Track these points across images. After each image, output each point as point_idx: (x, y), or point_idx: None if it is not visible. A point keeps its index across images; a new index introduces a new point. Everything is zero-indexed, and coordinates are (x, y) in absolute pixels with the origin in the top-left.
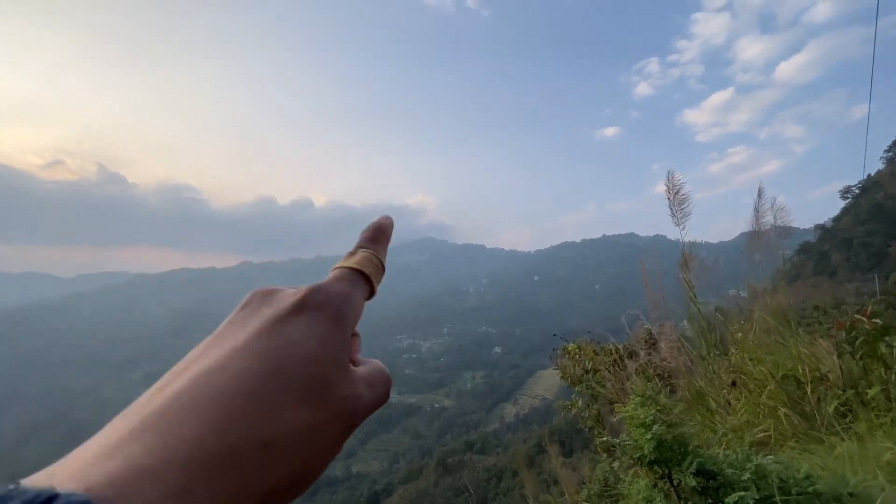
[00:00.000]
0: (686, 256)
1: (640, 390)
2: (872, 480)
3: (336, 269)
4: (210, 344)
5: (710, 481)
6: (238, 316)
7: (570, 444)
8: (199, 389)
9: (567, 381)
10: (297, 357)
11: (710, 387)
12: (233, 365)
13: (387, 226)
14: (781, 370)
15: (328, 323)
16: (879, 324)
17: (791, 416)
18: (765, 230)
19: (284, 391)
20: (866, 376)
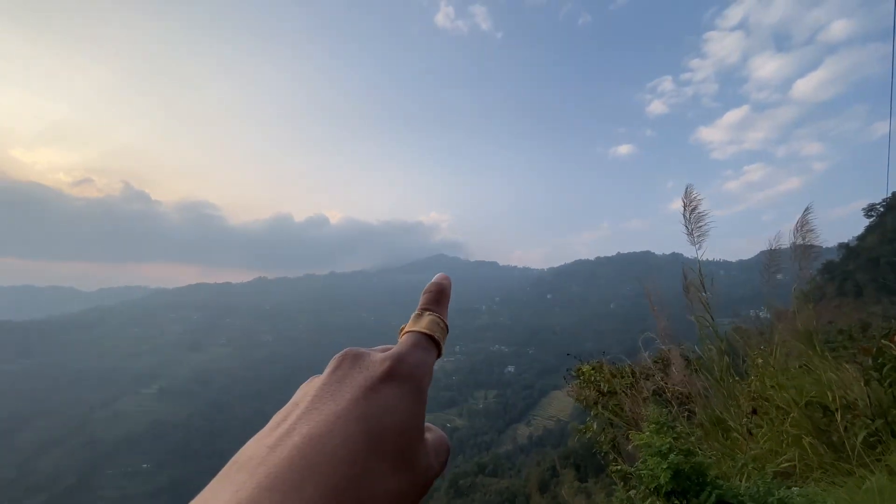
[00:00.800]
0: (701, 276)
1: (655, 417)
2: None
3: (408, 334)
4: (311, 405)
5: None
6: (333, 378)
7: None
8: (312, 454)
9: (581, 403)
10: (391, 427)
11: (728, 413)
12: (338, 431)
13: (447, 286)
14: (806, 397)
15: (413, 394)
16: None
17: (817, 446)
18: (783, 249)
19: (382, 459)
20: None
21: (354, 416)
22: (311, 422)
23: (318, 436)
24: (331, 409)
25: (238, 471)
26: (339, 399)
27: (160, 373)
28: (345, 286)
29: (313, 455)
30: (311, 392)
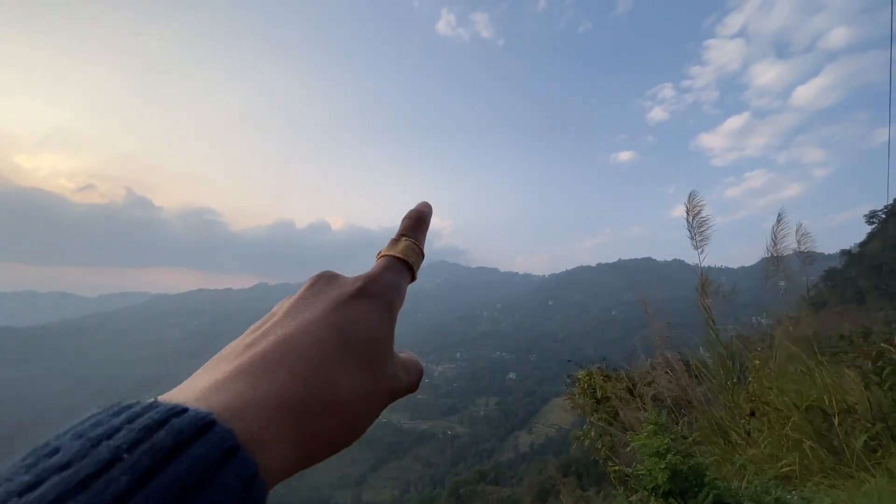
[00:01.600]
0: (704, 281)
1: (653, 418)
2: None
3: (382, 257)
4: (287, 314)
5: None
6: (308, 293)
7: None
8: (285, 348)
9: (578, 410)
10: (360, 334)
11: (729, 417)
12: (310, 332)
13: (426, 213)
14: (806, 401)
15: (382, 309)
16: None
17: (817, 450)
18: (785, 255)
19: (349, 360)
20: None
21: (326, 324)
22: (286, 326)
23: (291, 335)
24: (304, 317)
25: (219, 362)
26: (313, 310)
27: (161, 379)
28: None
29: (286, 349)
30: (286, 305)
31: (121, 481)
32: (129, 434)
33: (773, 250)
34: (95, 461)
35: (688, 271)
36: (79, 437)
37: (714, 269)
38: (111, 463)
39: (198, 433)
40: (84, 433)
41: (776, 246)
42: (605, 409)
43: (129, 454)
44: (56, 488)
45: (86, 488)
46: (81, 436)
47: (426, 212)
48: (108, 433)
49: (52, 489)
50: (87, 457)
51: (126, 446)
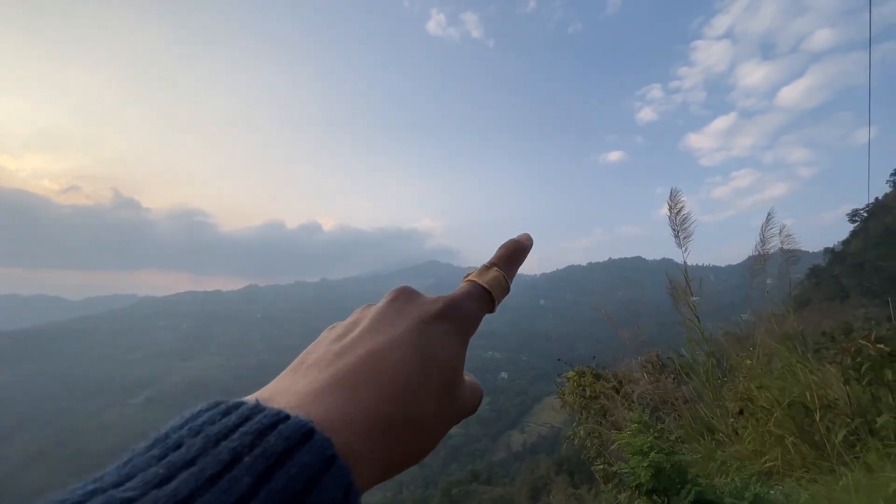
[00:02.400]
0: (687, 280)
1: (637, 417)
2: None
3: (469, 282)
4: (372, 327)
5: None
6: (390, 307)
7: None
8: (374, 364)
9: (568, 408)
10: (439, 358)
11: (713, 415)
12: (396, 350)
13: (526, 247)
14: (788, 397)
15: (458, 336)
16: (886, 349)
17: (799, 445)
18: (770, 254)
19: (430, 383)
20: (875, 404)
21: (409, 342)
22: (372, 340)
23: (378, 351)
24: (389, 333)
25: (309, 368)
26: (397, 326)
27: (149, 382)
28: (337, 293)
29: (374, 365)
30: (369, 316)
31: (243, 482)
32: (244, 437)
33: (761, 249)
34: (217, 460)
35: (677, 270)
36: (197, 432)
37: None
38: (232, 463)
39: (302, 440)
40: (202, 429)
41: (764, 245)
42: (594, 407)
43: (248, 457)
44: (187, 485)
45: (212, 486)
46: (199, 432)
47: (526, 245)
48: (224, 433)
49: (184, 486)
50: (209, 455)
51: (244, 448)
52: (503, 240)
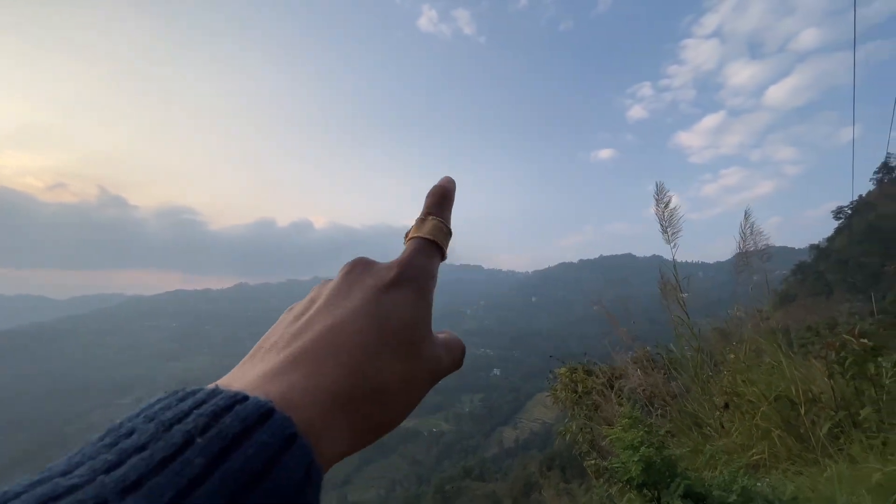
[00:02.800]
0: (676, 276)
1: (627, 412)
2: (860, 502)
3: (411, 240)
4: (328, 303)
5: (697, 503)
6: (345, 281)
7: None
8: (331, 339)
9: (560, 404)
10: (398, 322)
11: (701, 409)
12: (352, 323)
13: (450, 189)
14: (774, 391)
15: (417, 294)
16: (869, 344)
17: (785, 438)
18: (754, 251)
19: (389, 349)
20: (858, 397)
21: (365, 312)
22: (328, 316)
23: (335, 326)
24: (345, 306)
25: (267, 352)
26: (353, 299)
27: (137, 383)
28: None
29: (332, 340)
30: (325, 292)
31: (195, 464)
32: (198, 419)
33: (742, 246)
34: (169, 444)
35: (667, 266)
36: (150, 419)
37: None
38: (184, 446)
39: (260, 420)
40: (156, 416)
41: (744, 242)
42: (586, 403)
43: (200, 438)
44: (136, 469)
45: (163, 469)
46: (153, 419)
47: (450, 188)
48: (178, 417)
49: (133, 470)
50: (161, 440)
51: (197, 431)
52: (495, 237)
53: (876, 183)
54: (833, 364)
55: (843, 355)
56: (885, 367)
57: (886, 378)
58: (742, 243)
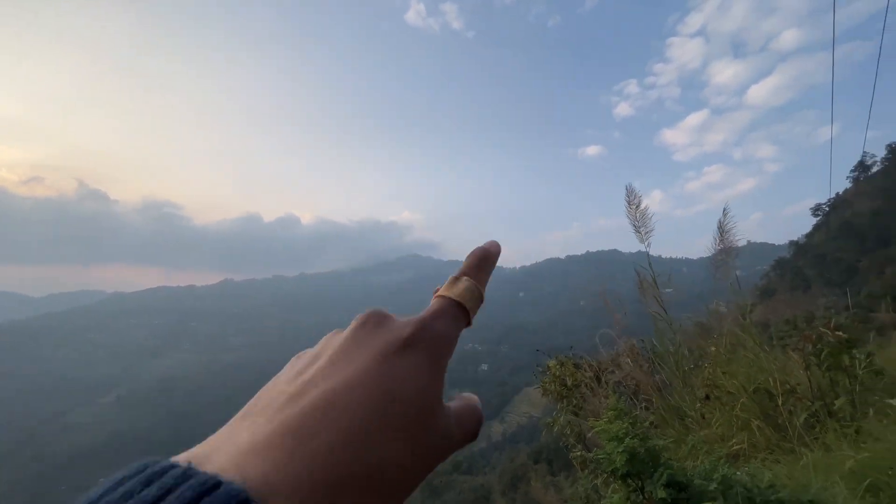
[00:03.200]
0: (653, 273)
1: (613, 405)
2: (833, 488)
3: (439, 298)
4: (333, 360)
5: (680, 493)
6: (355, 336)
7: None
8: (326, 412)
9: (549, 397)
10: (404, 393)
11: (683, 401)
12: (352, 391)
13: (494, 254)
14: (753, 384)
15: (431, 360)
16: (844, 336)
17: (764, 429)
18: (731, 247)
19: (391, 426)
20: (833, 388)
21: (369, 380)
22: (329, 379)
23: (334, 392)
24: (350, 369)
25: (257, 415)
26: (359, 360)
27: (119, 381)
28: (316, 287)
29: (329, 410)
30: (331, 347)
31: None
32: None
33: (719, 243)
34: None
35: (653, 262)
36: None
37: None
38: None
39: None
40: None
41: (721, 239)
42: (573, 396)
43: None
44: None
45: None
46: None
47: (493, 251)
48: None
49: None
50: None
51: None
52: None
53: (852, 181)
54: (810, 356)
55: (819, 347)
56: (859, 358)
57: (859, 369)
58: (719, 240)
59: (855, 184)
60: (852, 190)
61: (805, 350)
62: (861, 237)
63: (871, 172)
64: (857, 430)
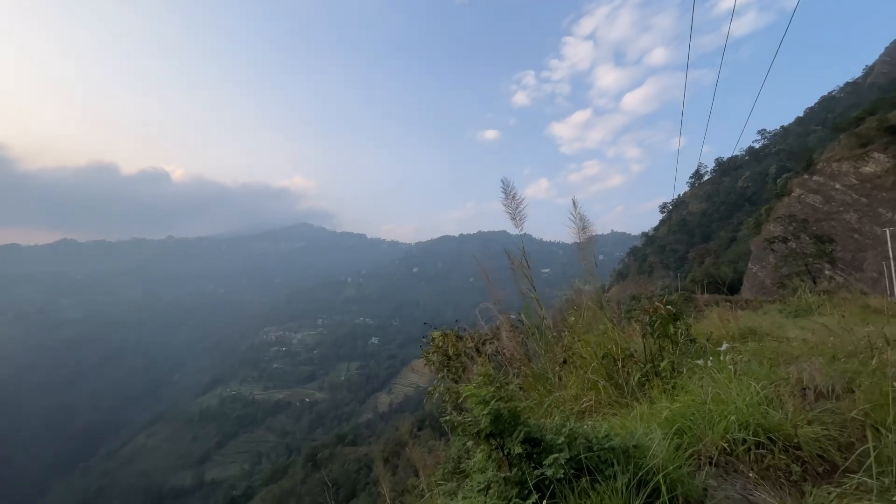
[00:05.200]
0: (525, 255)
1: (482, 370)
2: (653, 434)
3: None
4: None
5: (535, 448)
6: None
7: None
8: None
9: (432, 367)
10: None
11: (548, 368)
12: None
13: None
14: (602, 350)
15: None
16: (672, 310)
17: (607, 387)
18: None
19: None
20: (660, 352)
21: None
22: None
23: None
24: None
25: None
26: None
27: None
28: (186, 254)
29: None
30: None
31: None
32: None
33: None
34: None
35: (534, 244)
36: None
37: (554, 244)
38: None
39: None
40: None
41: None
42: (454, 366)
43: None
44: None
45: None
46: None
47: None
48: None
49: None
50: None
51: None
52: (380, 205)
53: (689, 185)
54: (646, 326)
55: (653, 319)
56: (680, 328)
57: (680, 337)
58: (579, 232)
59: (691, 188)
60: (689, 193)
61: (643, 321)
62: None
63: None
64: (673, 386)
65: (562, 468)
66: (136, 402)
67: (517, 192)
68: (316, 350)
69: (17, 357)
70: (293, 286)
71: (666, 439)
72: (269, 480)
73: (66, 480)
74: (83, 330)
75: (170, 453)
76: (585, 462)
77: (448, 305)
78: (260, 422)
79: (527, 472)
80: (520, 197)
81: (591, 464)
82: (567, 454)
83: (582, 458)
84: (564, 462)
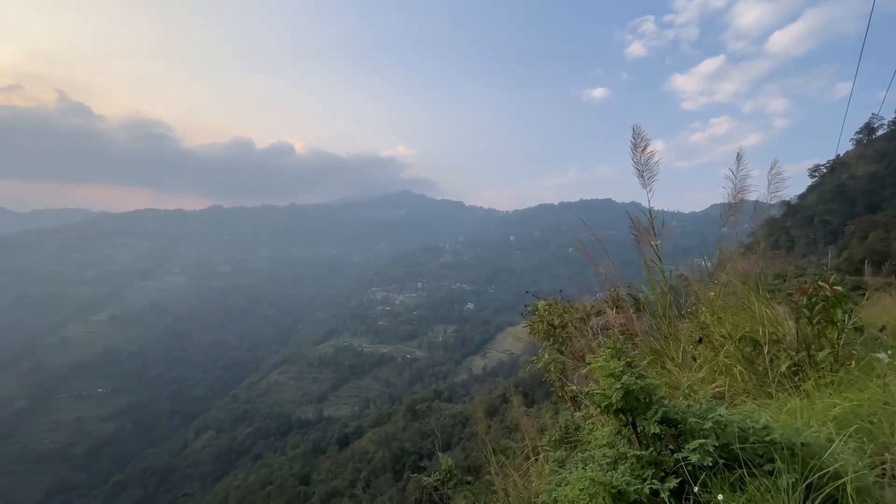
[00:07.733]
0: (651, 222)
1: (612, 343)
2: (823, 432)
3: None
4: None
5: (672, 429)
6: None
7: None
8: None
9: (536, 335)
10: None
11: (667, 346)
12: None
13: None
14: (740, 331)
15: None
16: (840, 291)
17: (745, 374)
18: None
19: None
20: (818, 340)
21: None
22: None
23: None
24: None
25: None
26: None
27: (110, 300)
28: (306, 218)
29: None
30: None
31: None
32: None
33: (733, 195)
34: None
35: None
36: None
37: (667, 213)
38: None
39: None
40: None
41: (735, 191)
42: (560, 336)
43: None
44: None
45: None
46: None
47: None
48: None
49: None
50: None
51: None
52: (479, 172)
53: (855, 143)
54: (802, 308)
55: (814, 300)
56: (848, 313)
57: (847, 324)
58: (733, 192)
59: (858, 146)
60: (853, 152)
61: (799, 302)
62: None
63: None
64: (839, 381)
65: (709, 455)
66: (269, 345)
67: (649, 144)
68: (416, 311)
69: (186, 301)
70: (396, 250)
71: (843, 442)
72: (375, 424)
73: (221, 402)
74: (230, 282)
75: (296, 390)
76: (738, 453)
77: (545, 274)
78: (367, 371)
79: (664, 454)
80: (651, 151)
81: (745, 456)
82: (715, 441)
83: (735, 449)
84: (713, 449)
